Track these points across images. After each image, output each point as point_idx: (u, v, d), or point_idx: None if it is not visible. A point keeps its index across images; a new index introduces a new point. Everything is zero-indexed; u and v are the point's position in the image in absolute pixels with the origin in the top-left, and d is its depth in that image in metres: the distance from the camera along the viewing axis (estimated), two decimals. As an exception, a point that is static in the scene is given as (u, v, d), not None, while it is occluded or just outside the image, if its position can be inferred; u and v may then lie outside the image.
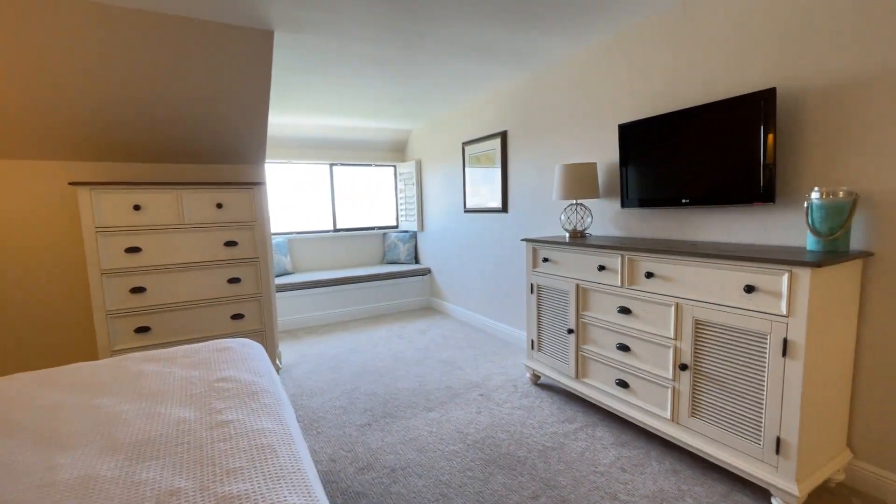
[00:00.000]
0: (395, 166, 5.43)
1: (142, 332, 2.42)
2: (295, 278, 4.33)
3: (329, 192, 5.05)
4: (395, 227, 5.48)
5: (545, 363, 2.59)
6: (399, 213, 5.45)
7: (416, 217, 5.04)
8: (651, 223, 2.36)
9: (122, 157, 2.69)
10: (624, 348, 2.06)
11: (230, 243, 2.62)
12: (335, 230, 5.07)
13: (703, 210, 2.10)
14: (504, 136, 3.47)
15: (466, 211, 4.08)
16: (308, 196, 4.99)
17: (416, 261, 5.23)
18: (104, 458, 0.84)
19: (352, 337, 3.85)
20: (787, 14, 1.73)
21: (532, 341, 2.68)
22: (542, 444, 2.03)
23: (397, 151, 5.36)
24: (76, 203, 2.63)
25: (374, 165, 5.32)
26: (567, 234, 2.59)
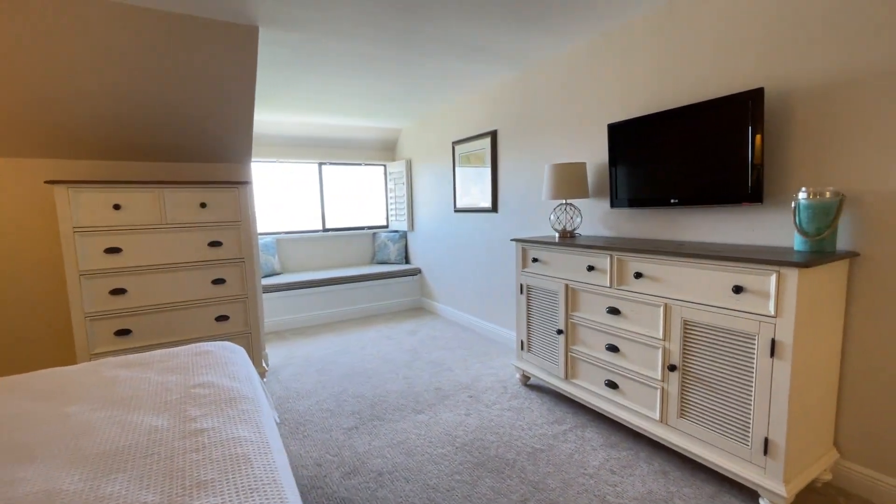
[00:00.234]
0: (384, 165, 5.38)
1: (122, 334, 2.36)
2: (283, 279, 4.27)
3: (318, 191, 4.99)
4: (385, 226, 5.43)
5: (535, 364, 2.57)
6: (389, 213, 5.40)
7: (406, 217, 5.01)
8: (640, 223, 2.35)
9: (101, 155, 2.61)
10: (613, 349, 2.05)
11: (214, 244, 2.56)
12: (324, 230, 5.01)
13: (692, 210, 2.09)
14: (494, 136, 3.45)
15: (457, 211, 4.05)
16: (297, 195, 4.92)
17: (407, 261, 5.19)
18: (69, 470, 0.80)
19: (340, 338, 3.81)
20: (774, 14, 1.73)
21: (522, 342, 2.66)
22: (531, 446, 2.01)
23: (387, 150, 5.31)
24: (53, 202, 2.56)
25: (364, 164, 5.27)
26: (557, 235, 2.58)
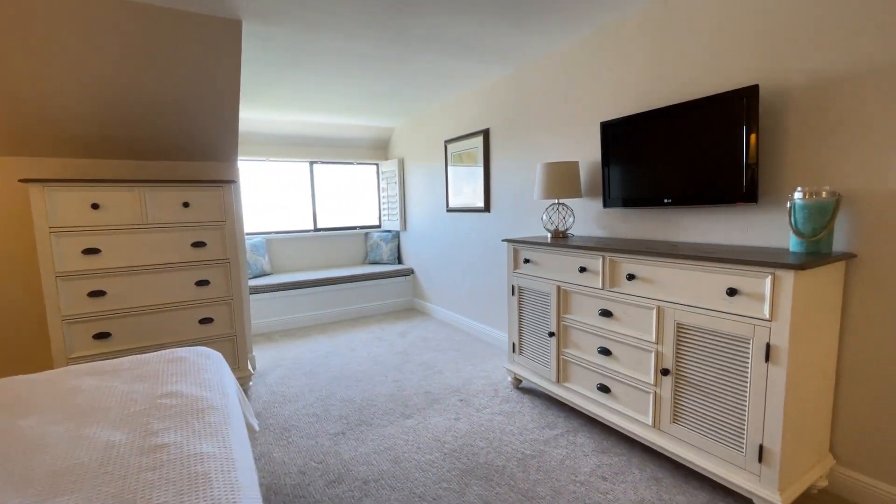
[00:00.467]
0: (377, 164, 5.32)
1: (101, 338, 2.28)
2: (273, 279, 4.20)
3: (309, 190, 4.91)
4: (378, 226, 5.37)
5: (526, 367, 2.52)
6: (382, 213, 5.34)
7: (398, 216, 4.94)
8: (634, 223, 2.30)
9: (78, 153, 2.53)
10: (605, 352, 2.00)
11: (198, 244, 2.49)
12: (316, 230, 4.94)
13: (686, 210, 2.05)
14: (486, 134, 3.40)
15: (449, 210, 4.00)
16: (287, 195, 4.85)
17: (399, 261, 5.13)
18: (12, 492, 0.73)
19: (330, 340, 3.74)
20: (770, 9, 1.69)
21: (513, 344, 2.61)
22: (521, 451, 1.96)
23: (380, 149, 5.24)
24: (28, 201, 2.47)
25: (356, 164, 5.20)
26: (549, 235, 2.53)
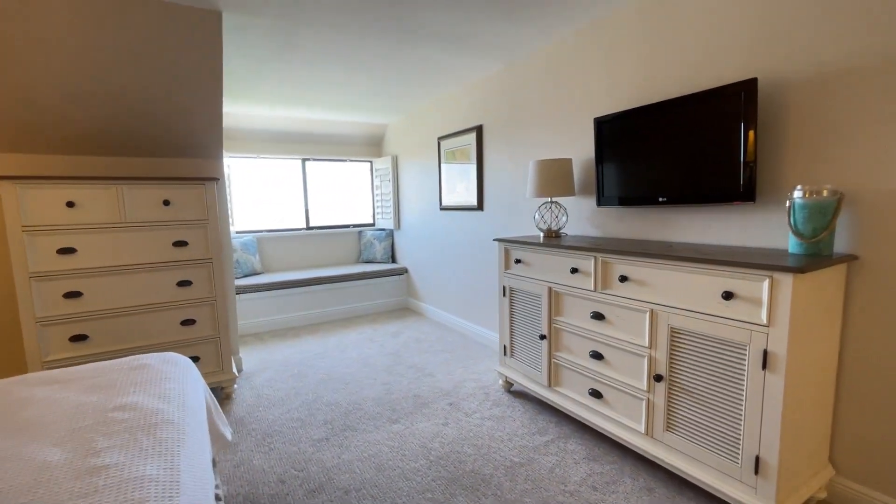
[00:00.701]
0: (371, 162, 5.23)
1: (78, 340, 2.21)
2: (263, 279, 4.12)
3: (302, 188, 4.83)
4: (372, 224, 5.29)
5: (518, 370, 2.45)
6: (375, 211, 5.26)
7: (392, 215, 4.87)
8: (628, 223, 2.23)
9: (52, 149, 2.45)
10: (597, 356, 1.93)
11: (179, 243, 2.41)
12: (308, 228, 4.86)
13: (682, 209, 1.97)
14: (479, 131, 3.32)
15: (442, 209, 3.92)
16: (279, 192, 4.77)
17: (393, 260, 5.05)
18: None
19: (321, 341, 3.67)
20: (768, 0, 1.61)
21: (505, 347, 2.53)
22: (510, 459, 1.89)
23: (374, 146, 5.16)
24: None
25: (350, 161, 5.12)
26: (542, 234, 2.45)
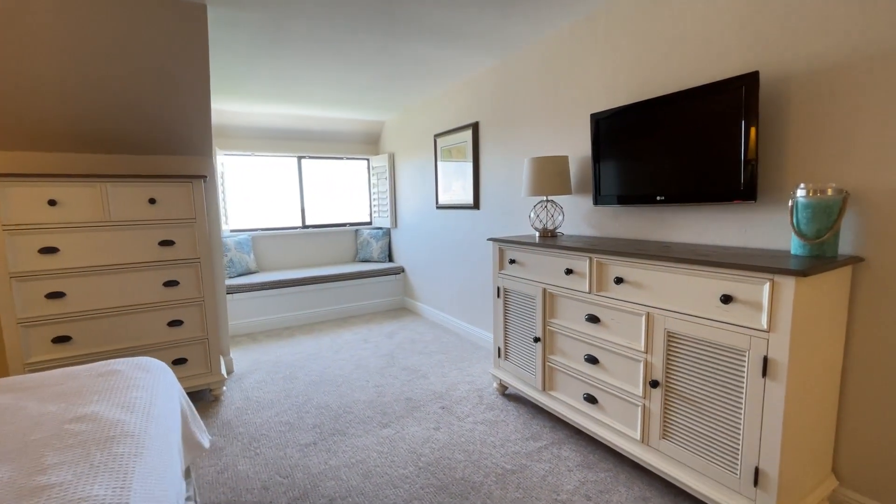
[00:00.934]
0: (367, 160, 5.17)
1: (61, 342, 2.16)
2: (258, 278, 4.07)
3: (298, 186, 4.78)
4: (369, 223, 5.23)
5: (512, 373, 2.39)
6: (372, 209, 5.20)
7: (389, 213, 4.81)
8: (625, 222, 2.16)
9: (32, 146, 2.39)
10: (592, 360, 1.87)
11: (166, 242, 2.36)
12: (304, 227, 4.81)
13: (680, 208, 1.91)
14: (475, 128, 3.25)
15: (438, 207, 3.86)
16: (275, 191, 4.71)
17: (390, 259, 4.99)
18: None
19: (315, 341, 3.62)
20: (772, -12, 1.54)
21: (499, 349, 2.47)
22: (501, 466, 1.83)
23: (370, 144, 5.10)
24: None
25: (346, 158, 5.06)
26: (537, 234, 2.39)
